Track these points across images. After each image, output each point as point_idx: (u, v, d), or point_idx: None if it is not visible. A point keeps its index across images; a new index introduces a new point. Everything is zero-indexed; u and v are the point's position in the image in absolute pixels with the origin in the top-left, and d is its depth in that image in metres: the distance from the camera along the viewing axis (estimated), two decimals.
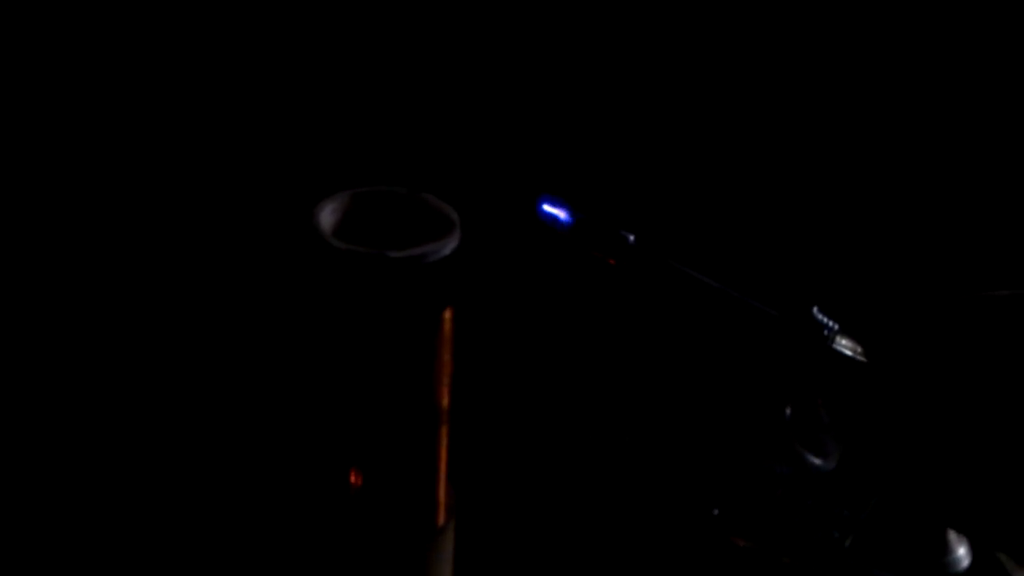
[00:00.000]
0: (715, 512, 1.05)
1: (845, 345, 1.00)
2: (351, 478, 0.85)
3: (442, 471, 0.87)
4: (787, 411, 1.04)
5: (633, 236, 0.99)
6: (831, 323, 1.00)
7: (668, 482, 1.10)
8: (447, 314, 0.83)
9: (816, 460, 1.03)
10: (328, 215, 0.82)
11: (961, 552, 1.03)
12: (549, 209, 0.98)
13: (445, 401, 0.85)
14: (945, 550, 1.02)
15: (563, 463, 1.13)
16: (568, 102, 1.22)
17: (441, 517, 0.88)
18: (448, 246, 0.81)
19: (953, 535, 1.03)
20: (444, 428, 0.86)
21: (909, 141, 1.22)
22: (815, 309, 1.00)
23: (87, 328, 1.17)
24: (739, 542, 1.04)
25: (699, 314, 1.01)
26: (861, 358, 1.00)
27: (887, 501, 1.05)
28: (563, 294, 1.20)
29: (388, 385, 0.83)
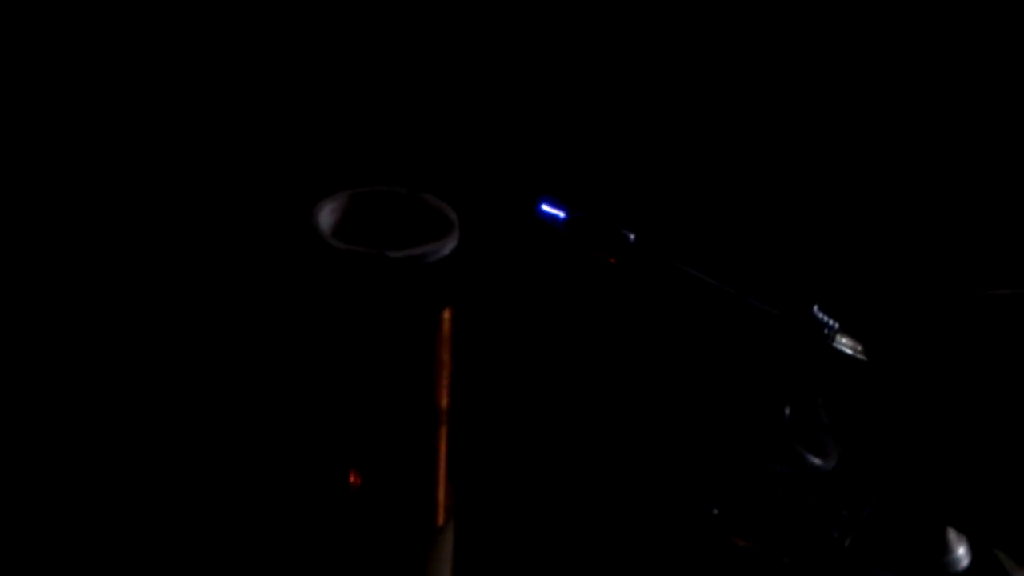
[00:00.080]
0: (715, 512, 1.05)
1: (845, 344, 1.00)
2: (350, 478, 0.85)
3: (441, 471, 0.87)
4: (787, 411, 1.04)
5: (633, 235, 0.99)
6: (831, 322, 1.00)
7: (668, 482, 1.10)
8: (446, 314, 0.83)
9: (816, 460, 1.03)
10: (327, 215, 0.82)
11: (961, 551, 1.03)
12: (548, 209, 0.98)
13: (444, 401, 0.85)
14: (945, 550, 1.02)
15: (563, 463, 1.13)
16: (567, 102, 1.22)
17: (440, 517, 0.88)
18: (447, 246, 0.81)
19: (953, 534, 1.03)
20: (443, 428, 0.86)
21: (909, 141, 1.22)
22: (815, 308, 1.00)
23: (87, 328, 1.17)
24: (739, 542, 1.04)
25: (699, 313, 1.01)
26: (861, 357, 1.00)
27: (887, 501, 1.05)
28: (563, 294, 1.20)
29: (387, 385, 0.83)
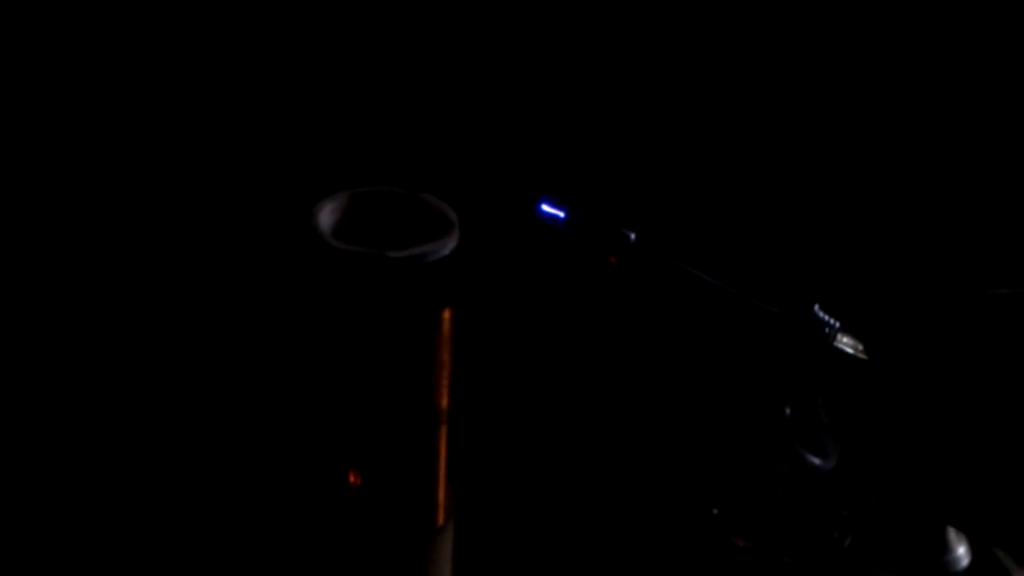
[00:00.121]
0: (715, 512, 1.05)
1: (846, 343, 1.00)
2: (350, 478, 0.85)
3: (441, 471, 0.87)
4: (787, 411, 1.03)
5: (634, 234, 0.99)
6: (832, 321, 1.00)
7: (668, 482, 1.10)
8: (446, 314, 0.83)
9: (816, 460, 1.03)
10: (327, 215, 0.82)
11: (961, 551, 1.03)
12: (548, 208, 0.98)
13: (444, 401, 0.85)
14: (945, 549, 1.02)
15: (563, 463, 1.13)
16: (567, 102, 1.22)
17: (440, 517, 0.88)
18: (447, 246, 0.81)
19: (953, 534, 1.03)
20: (443, 428, 0.86)
21: (909, 141, 1.22)
22: (816, 307, 1.00)
23: (87, 328, 1.17)
24: (739, 542, 1.04)
25: (700, 312, 1.01)
26: (862, 356, 1.00)
27: (887, 501, 1.05)
28: (563, 294, 1.20)
29: (387, 385, 0.83)
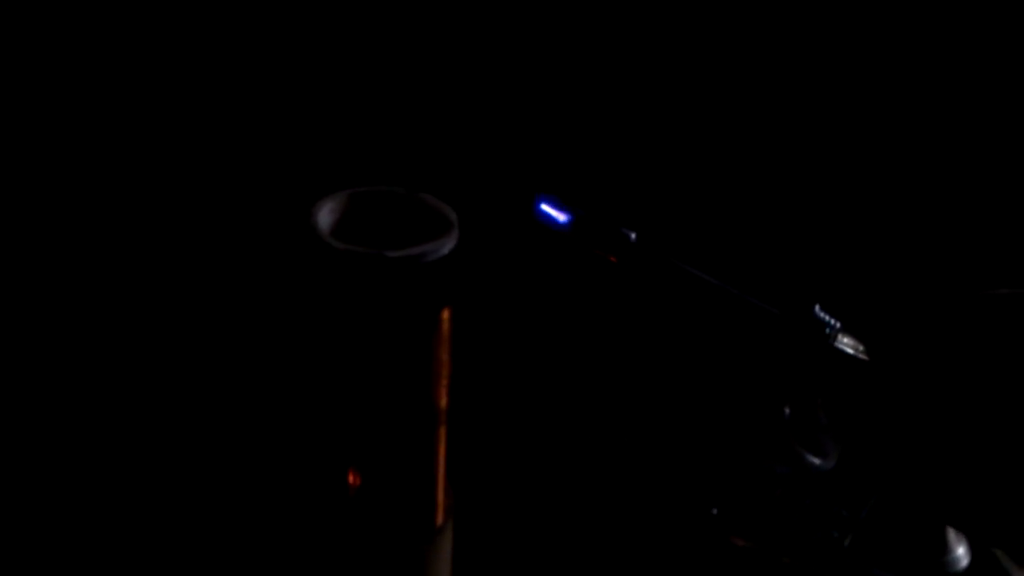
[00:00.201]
0: (715, 512, 1.05)
1: (846, 343, 1.00)
2: (349, 478, 0.85)
3: (441, 471, 0.87)
4: (787, 411, 1.03)
5: (634, 234, 0.99)
6: (832, 321, 1.00)
7: (668, 482, 1.10)
8: (445, 314, 0.83)
9: (815, 460, 1.03)
10: (326, 215, 0.82)
11: (960, 551, 1.03)
12: (548, 208, 0.98)
13: (444, 401, 0.85)
14: (944, 549, 1.02)
15: (563, 463, 1.13)
16: (566, 101, 1.21)
17: (440, 517, 0.88)
18: (446, 246, 0.81)
19: (952, 534, 1.03)
20: (443, 428, 0.86)
21: (909, 141, 1.22)
22: (816, 307, 1.00)
23: (86, 328, 1.17)
24: (739, 542, 1.04)
25: (700, 312, 1.01)
26: (862, 356, 1.00)
27: (886, 501, 1.05)
28: (562, 293, 1.20)
29: (386, 385, 0.83)
